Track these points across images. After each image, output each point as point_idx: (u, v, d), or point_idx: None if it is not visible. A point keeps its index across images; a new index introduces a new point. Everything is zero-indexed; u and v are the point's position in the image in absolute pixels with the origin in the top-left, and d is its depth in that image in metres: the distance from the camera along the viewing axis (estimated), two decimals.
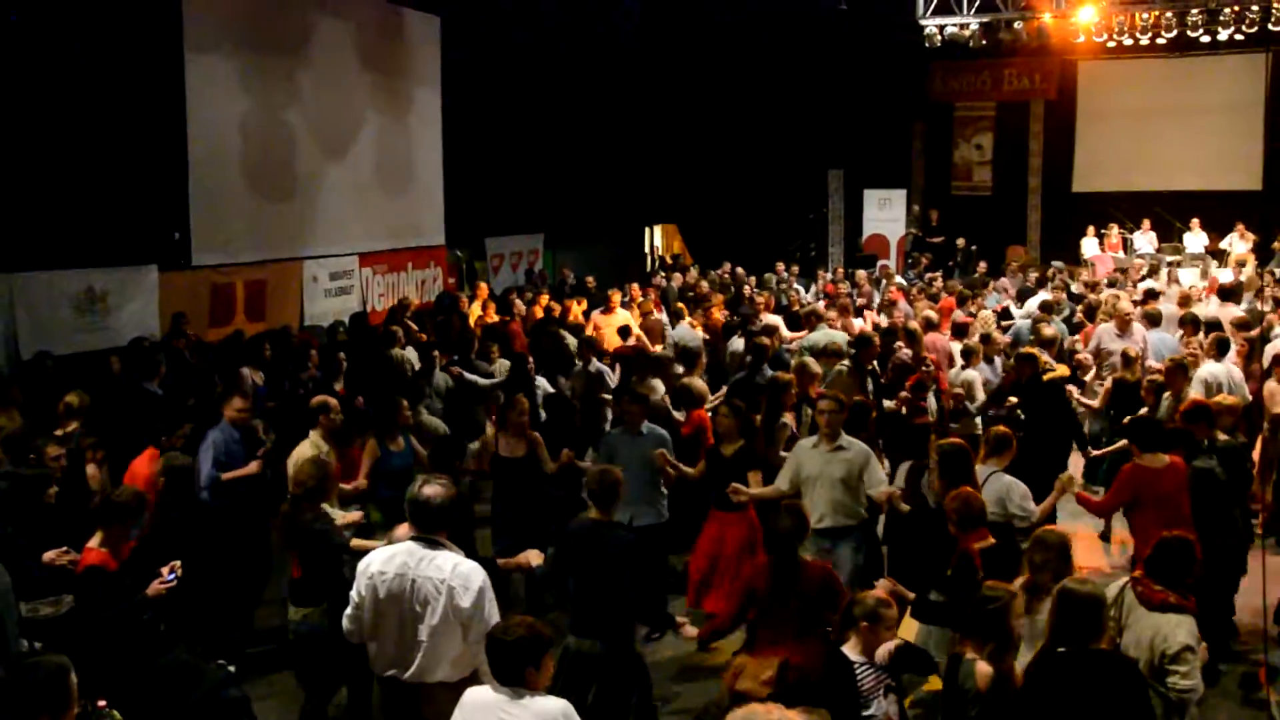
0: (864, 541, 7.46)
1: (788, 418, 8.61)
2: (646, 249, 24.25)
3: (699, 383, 9.82)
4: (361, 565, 5.07)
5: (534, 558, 5.93)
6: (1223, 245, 20.12)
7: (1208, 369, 9.91)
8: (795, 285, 17.97)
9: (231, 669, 5.37)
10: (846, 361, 10.60)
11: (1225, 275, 17.32)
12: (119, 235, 12.15)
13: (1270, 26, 18.60)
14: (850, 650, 5.05)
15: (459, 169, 17.85)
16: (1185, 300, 13.61)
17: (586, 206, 20.20)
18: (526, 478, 8.12)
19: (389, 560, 4.97)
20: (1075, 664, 4.74)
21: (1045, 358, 10.71)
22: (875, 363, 10.72)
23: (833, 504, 7.19)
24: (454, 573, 4.86)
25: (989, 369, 11.03)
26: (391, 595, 4.91)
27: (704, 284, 17.36)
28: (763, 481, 7.57)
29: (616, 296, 14.48)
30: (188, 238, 13.24)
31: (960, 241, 19.36)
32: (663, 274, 19.84)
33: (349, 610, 5.08)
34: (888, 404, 10.16)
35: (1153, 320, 12.25)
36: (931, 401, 10.19)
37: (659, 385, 10.00)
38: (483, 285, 16.30)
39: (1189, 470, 7.20)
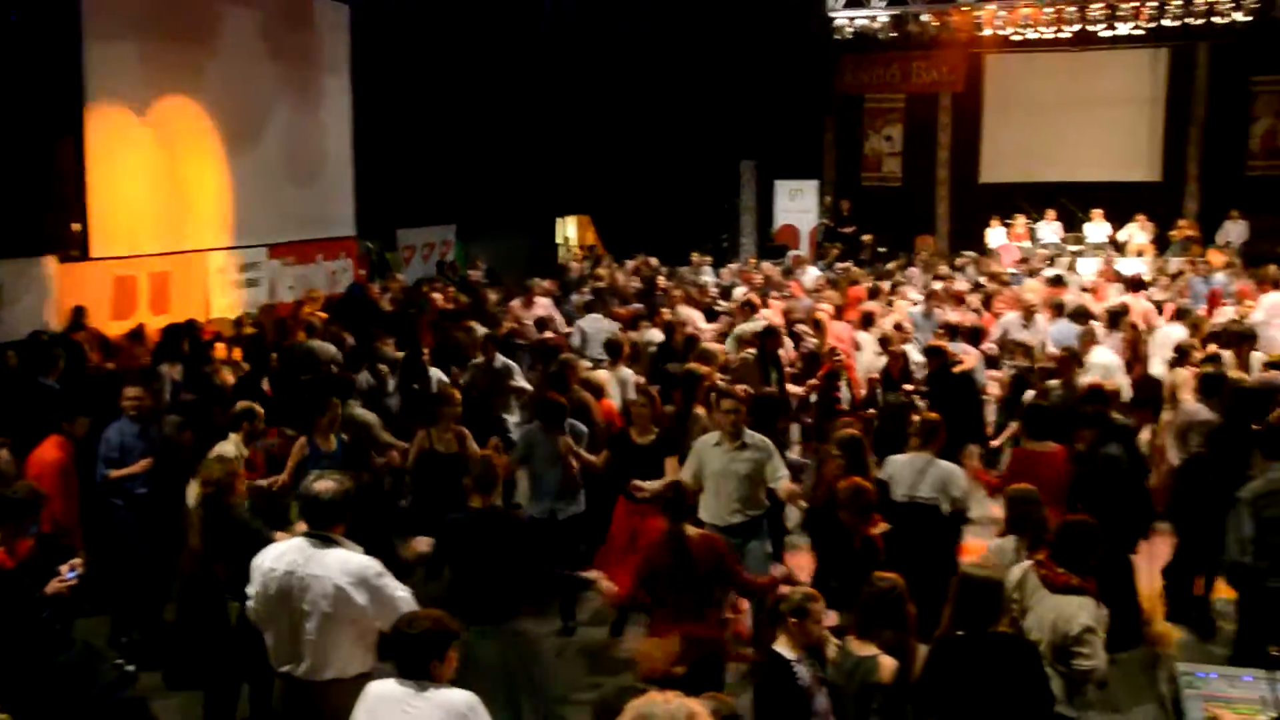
0: (771, 532, 7.54)
1: (699, 410, 8.64)
2: (559, 240, 24.20)
3: (599, 374, 9.86)
4: (256, 560, 5.04)
5: (422, 544, 5.93)
6: (1123, 235, 20.58)
7: (1100, 355, 10.19)
8: (706, 276, 18.04)
9: (131, 669, 5.28)
10: (752, 350, 10.72)
11: (1125, 265, 17.72)
12: (13, 226, 11.83)
13: (1166, 22, 19.09)
14: (783, 647, 5.03)
15: (370, 160, 17.67)
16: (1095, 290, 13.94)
17: (499, 197, 20.08)
18: (458, 472, 7.98)
19: (279, 557, 4.95)
20: (974, 647, 4.84)
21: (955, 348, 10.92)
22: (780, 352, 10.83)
23: (739, 500, 7.19)
24: (343, 569, 4.82)
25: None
26: (281, 592, 4.88)
27: (618, 275, 17.38)
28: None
29: (539, 287, 14.49)
30: (86, 229, 12.94)
31: (867, 238, 19.52)
32: (583, 265, 19.82)
33: (248, 604, 5.07)
34: (796, 390, 10.28)
35: (1057, 309, 12.49)
36: (844, 390, 10.33)
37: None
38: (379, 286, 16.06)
39: (1100, 456, 7.40)
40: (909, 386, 10.33)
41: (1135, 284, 14.68)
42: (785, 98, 22.87)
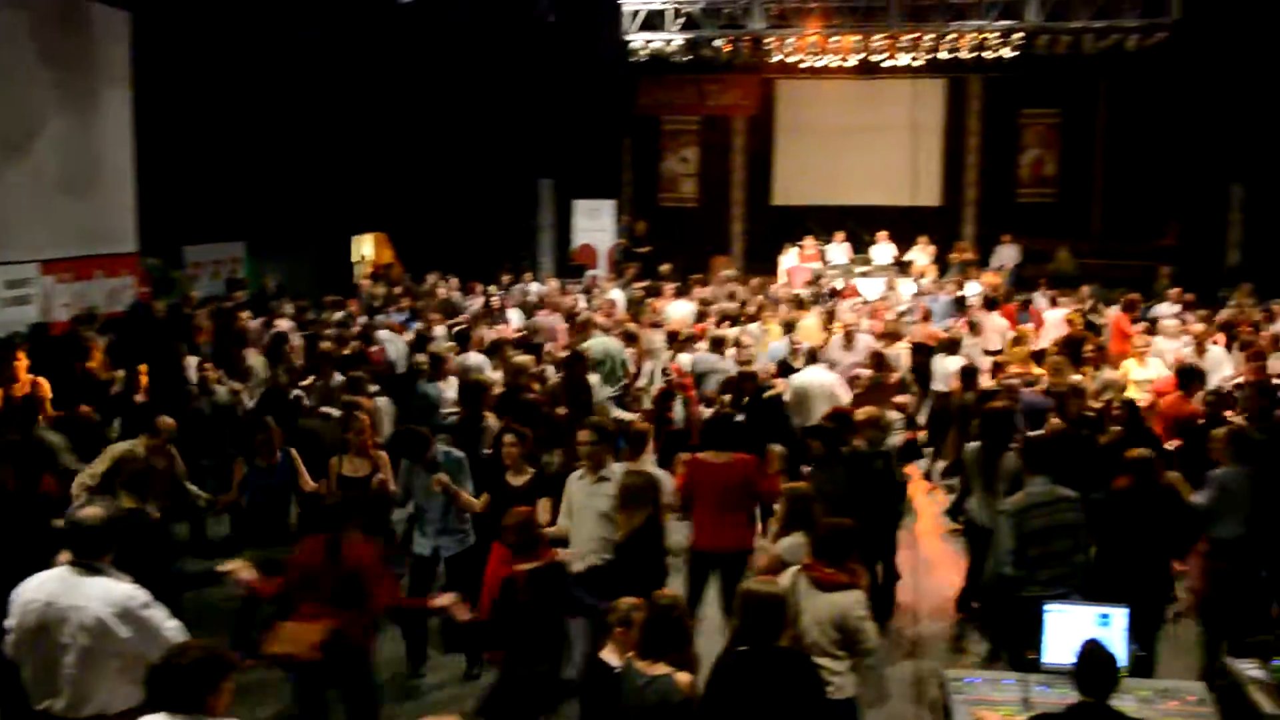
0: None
1: (489, 418, 8.64)
2: (355, 258, 23.71)
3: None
4: (15, 592, 4.80)
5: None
6: (907, 257, 21.44)
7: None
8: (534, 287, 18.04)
9: None
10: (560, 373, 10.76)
11: (909, 286, 18.45)
12: None
13: (942, 55, 20.06)
14: (609, 655, 5.15)
15: (154, 173, 16.93)
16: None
17: (292, 214, 19.52)
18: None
19: (39, 587, 4.74)
20: (757, 662, 4.94)
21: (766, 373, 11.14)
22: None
23: (595, 541, 7.08)
24: (106, 600, 4.63)
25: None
26: (40, 624, 4.67)
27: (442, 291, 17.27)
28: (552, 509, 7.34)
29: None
30: None
31: (665, 268, 19.59)
32: (370, 282, 19.48)
33: (7, 638, 4.81)
34: (627, 416, 10.30)
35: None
36: (678, 410, 10.36)
37: None
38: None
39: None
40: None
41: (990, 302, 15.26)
42: (583, 117, 22.99)
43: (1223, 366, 11.66)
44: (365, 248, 23.99)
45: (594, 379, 10.67)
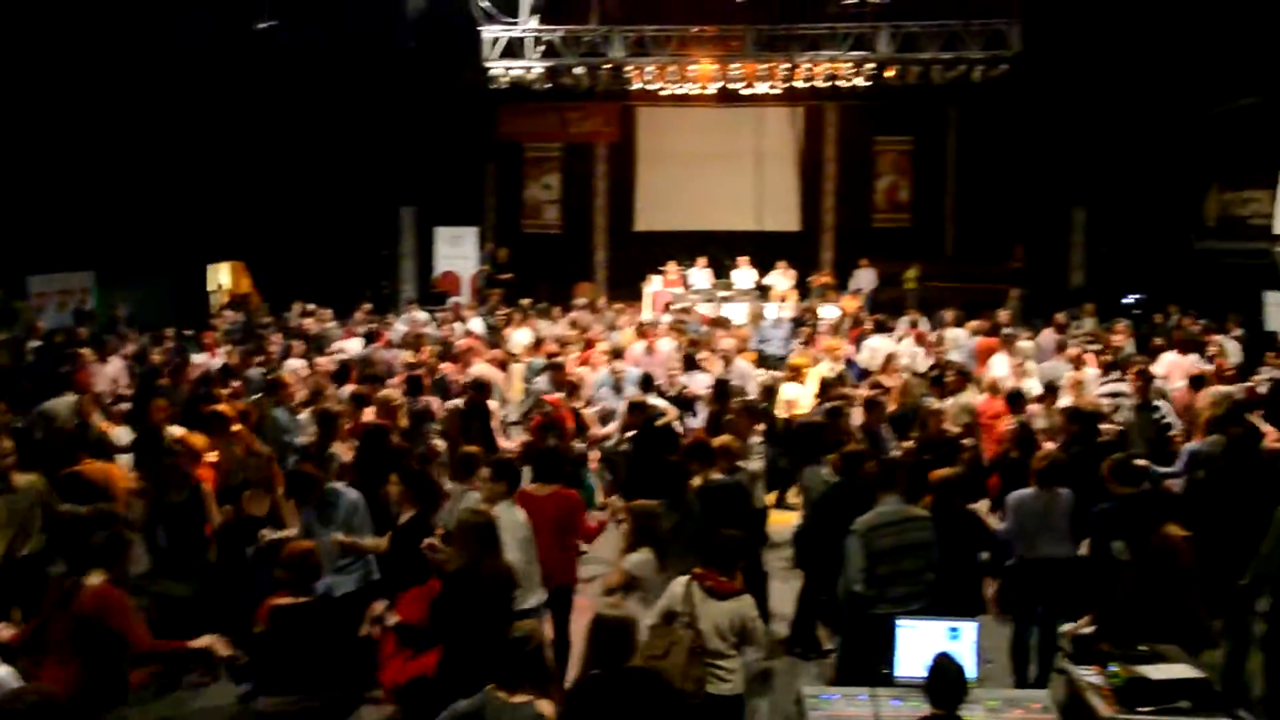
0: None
1: (336, 447, 8.59)
2: (211, 287, 23.14)
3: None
4: None
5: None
6: (767, 281, 21.78)
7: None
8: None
9: None
10: (458, 402, 10.68)
11: (770, 309, 18.74)
12: None
13: (798, 84, 20.53)
14: None
15: None
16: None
17: (144, 241, 18.96)
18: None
19: None
20: (610, 685, 4.97)
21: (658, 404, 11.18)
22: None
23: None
24: None
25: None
26: None
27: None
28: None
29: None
30: None
31: (525, 301, 19.57)
32: (227, 312, 19.06)
33: None
34: (507, 445, 10.22)
35: (689, 362, 12.99)
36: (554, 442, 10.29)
37: None
38: None
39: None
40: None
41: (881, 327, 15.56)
42: (445, 144, 22.90)
43: (1092, 386, 12.00)
44: (222, 276, 23.42)
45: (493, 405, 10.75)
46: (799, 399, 11.71)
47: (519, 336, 15.27)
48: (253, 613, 6.03)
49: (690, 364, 12.82)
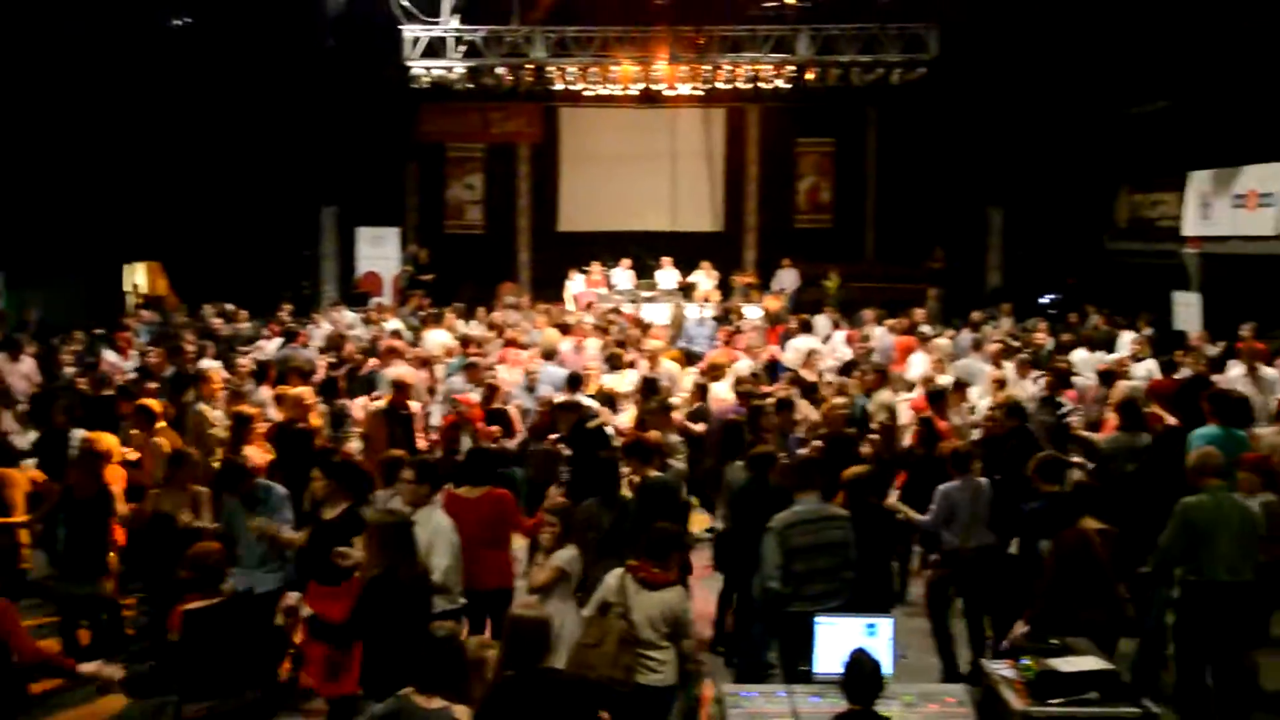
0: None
1: (247, 449, 8.51)
2: (127, 288, 22.69)
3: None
4: None
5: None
6: (690, 280, 21.86)
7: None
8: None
9: None
10: (382, 402, 10.58)
11: (693, 309, 18.82)
12: None
13: (719, 85, 20.63)
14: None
15: None
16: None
17: (56, 240, 18.54)
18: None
19: None
20: (524, 687, 4.96)
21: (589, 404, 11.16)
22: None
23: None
24: None
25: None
26: None
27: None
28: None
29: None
30: None
31: (457, 305, 19.37)
32: (144, 312, 18.70)
33: None
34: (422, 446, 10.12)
35: (613, 364, 12.96)
36: (466, 442, 10.20)
37: None
38: None
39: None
40: (554, 436, 10.29)
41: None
42: (366, 144, 22.66)
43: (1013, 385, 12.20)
44: (138, 277, 22.99)
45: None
46: (720, 397, 11.77)
47: (435, 337, 15.16)
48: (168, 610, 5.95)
49: (614, 363, 12.83)
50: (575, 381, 11.56)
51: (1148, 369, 12.84)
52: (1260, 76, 16.59)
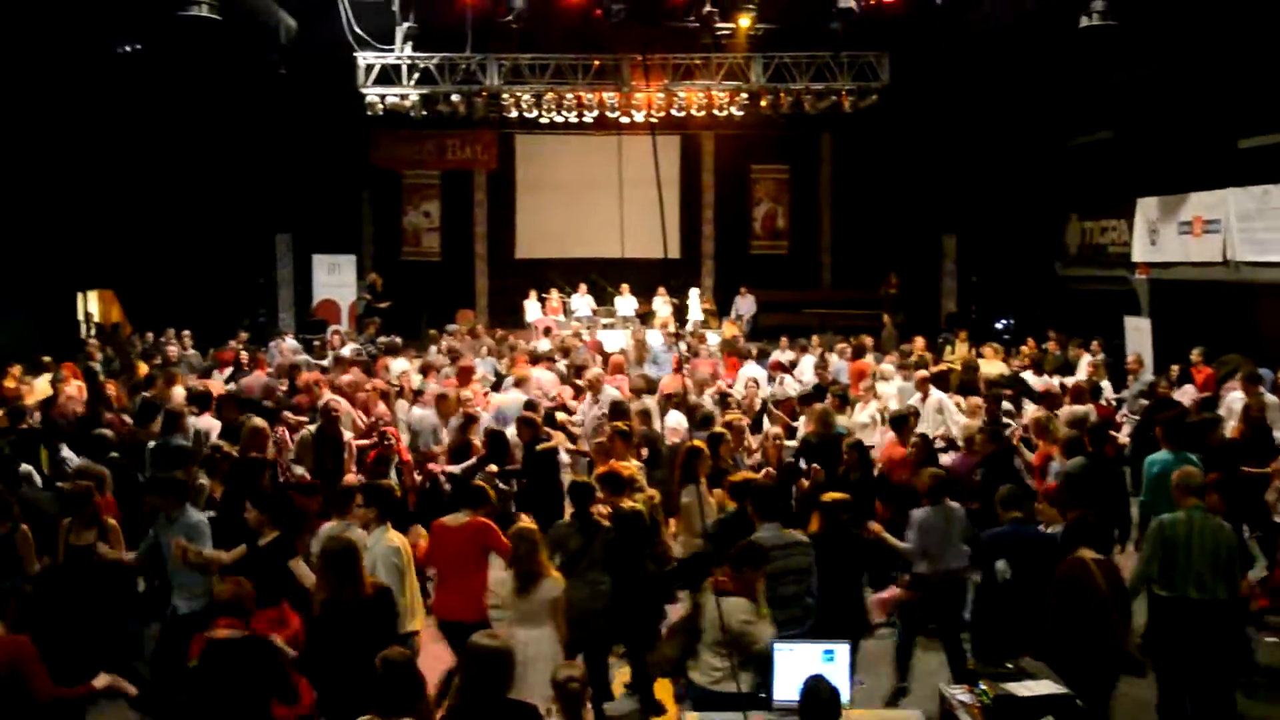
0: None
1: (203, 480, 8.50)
2: (80, 316, 22.39)
3: None
4: None
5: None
6: (652, 307, 21.95)
7: None
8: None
9: None
10: (312, 429, 10.50)
11: (652, 335, 18.78)
12: None
13: (674, 112, 20.72)
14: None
15: None
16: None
17: (7, 268, 18.26)
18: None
19: None
20: (480, 717, 4.93)
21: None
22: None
23: None
24: None
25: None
26: None
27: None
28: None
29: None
30: None
31: (434, 332, 19.29)
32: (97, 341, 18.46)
33: None
34: (350, 478, 10.02)
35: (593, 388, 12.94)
36: (393, 476, 10.11)
37: None
38: None
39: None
40: (494, 468, 10.13)
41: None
42: (321, 171, 22.59)
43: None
44: (91, 305, 22.71)
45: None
46: (679, 425, 11.76)
47: (396, 365, 15.08)
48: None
49: (576, 390, 12.82)
50: (530, 407, 11.52)
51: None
52: (1199, 107, 16.94)
